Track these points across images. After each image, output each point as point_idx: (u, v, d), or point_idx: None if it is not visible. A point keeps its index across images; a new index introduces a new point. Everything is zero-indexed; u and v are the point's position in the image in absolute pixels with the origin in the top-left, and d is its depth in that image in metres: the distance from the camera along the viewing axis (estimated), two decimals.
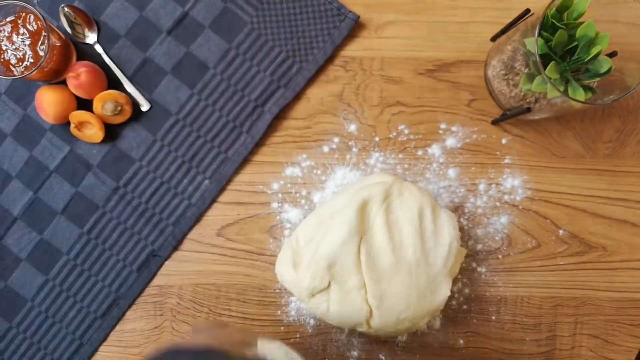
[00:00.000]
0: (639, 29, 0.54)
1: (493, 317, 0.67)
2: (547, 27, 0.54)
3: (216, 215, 0.68)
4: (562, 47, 0.55)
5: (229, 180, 0.68)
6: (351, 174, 0.68)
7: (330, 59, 0.67)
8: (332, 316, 0.60)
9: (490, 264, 0.67)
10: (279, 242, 0.68)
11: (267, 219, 0.68)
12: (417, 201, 0.60)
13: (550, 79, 0.52)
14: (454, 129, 0.68)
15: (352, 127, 0.68)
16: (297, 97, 0.68)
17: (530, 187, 0.67)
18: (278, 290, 0.68)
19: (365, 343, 0.67)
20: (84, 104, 0.66)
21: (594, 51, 0.54)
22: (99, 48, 0.67)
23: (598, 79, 0.56)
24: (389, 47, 0.68)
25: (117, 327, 0.68)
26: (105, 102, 0.64)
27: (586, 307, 0.67)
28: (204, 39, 0.67)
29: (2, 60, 0.61)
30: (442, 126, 0.68)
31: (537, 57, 0.51)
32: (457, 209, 0.67)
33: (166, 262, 0.68)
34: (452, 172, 0.67)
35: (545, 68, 0.52)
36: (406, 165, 0.68)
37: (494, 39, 0.66)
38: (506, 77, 0.61)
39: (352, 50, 0.68)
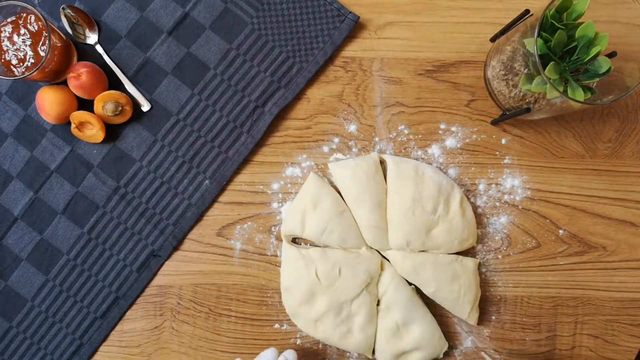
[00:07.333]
0: (638, 29, 0.55)
1: (493, 317, 0.67)
2: (547, 27, 0.54)
3: (216, 215, 0.68)
4: (562, 48, 0.55)
5: (229, 180, 0.68)
6: None
7: (330, 60, 0.68)
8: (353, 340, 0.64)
9: (490, 264, 0.67)
10: (279, 242, 0.68)
11: (267, 219, 0.68)
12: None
13: (550, 79, 0.52)
14: (453, 129, 0.68)
15: (352, 127, 0.68)
16: (297, 97, 0.68)
17: (530, 187, 0.67)
18: (278, 291, 0.68)
19: None
20: (85, 105, 0.66)
21: (593, 51, 0.54)
22: (99, 48, 0.67)
23: (597, 79, 0.56)
24: (389, 48, 0.68)
25: (117, 327, 0.68)
26: (105, 103, 0.64)
27: (586, 307, 0.67)
28: (205, 39, 0.67)
29: (3, 60, 0.61)
30: (442, 126, 0.68)
31: (537, 58, 0.51)
32: None
33: (166, 262, 0.68)
34: (452, 172, 0.67)
35: (544, 68, 0.52)
36: None
37: (493, 39, 0.66)
38: (506, 77, 0.61)
39: (352, 50, 0.68)
